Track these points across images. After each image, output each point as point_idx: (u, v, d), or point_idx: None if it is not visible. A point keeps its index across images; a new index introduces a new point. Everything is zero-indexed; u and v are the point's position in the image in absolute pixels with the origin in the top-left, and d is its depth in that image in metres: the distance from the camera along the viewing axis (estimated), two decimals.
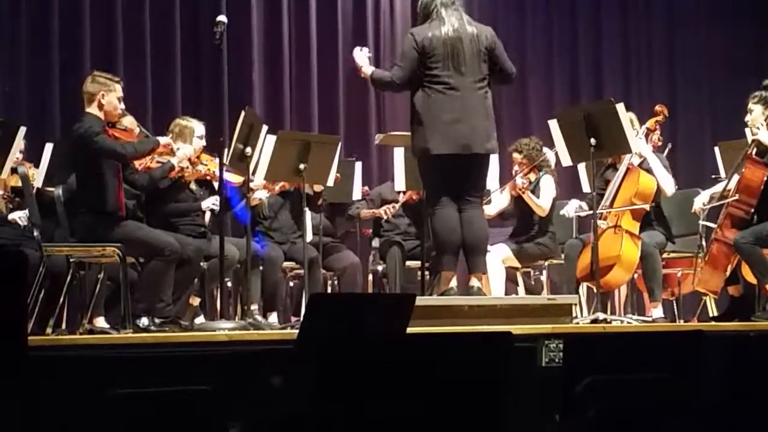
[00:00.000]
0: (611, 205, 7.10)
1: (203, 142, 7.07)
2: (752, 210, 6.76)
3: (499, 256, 7.57)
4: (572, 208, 7.54)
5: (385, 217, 8.09)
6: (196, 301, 7.13)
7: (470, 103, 6.12)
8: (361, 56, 6.38)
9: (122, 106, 6.40)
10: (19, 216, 6.62)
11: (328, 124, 10.01)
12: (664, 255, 7.26)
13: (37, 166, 7.17)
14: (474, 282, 6.22)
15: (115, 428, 3.48)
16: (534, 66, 11.03)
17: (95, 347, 5.19)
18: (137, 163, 6.59)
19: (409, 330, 4.13)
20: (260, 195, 7.54)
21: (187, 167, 6.81)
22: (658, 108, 7.39)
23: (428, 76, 6.12)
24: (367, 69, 6.35)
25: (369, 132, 10.17)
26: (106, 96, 6.27)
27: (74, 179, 6.48)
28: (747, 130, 6.99)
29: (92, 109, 6.28)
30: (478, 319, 5.88)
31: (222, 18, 6.45)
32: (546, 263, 7.83)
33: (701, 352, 4.27)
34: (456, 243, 6.17)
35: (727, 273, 6.88)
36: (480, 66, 6.17)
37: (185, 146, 6.84)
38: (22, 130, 6.63)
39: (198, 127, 7.12)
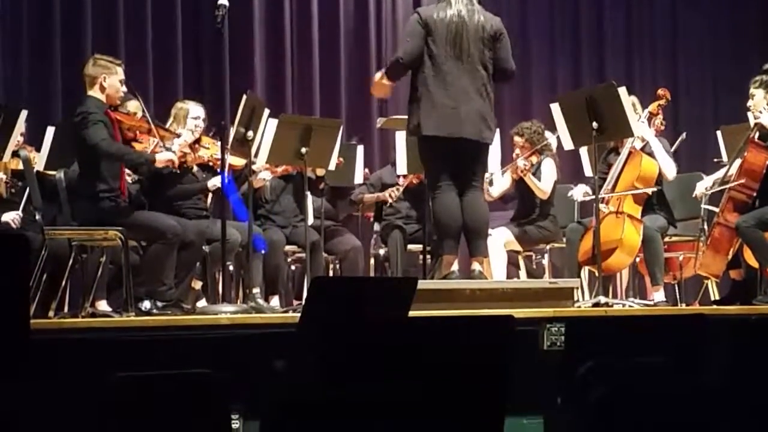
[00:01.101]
0: (613, 189, 7.10)
1: (200, 123, 7.06)
2: (754, 194, 6.78)
3: (500, 240, 7.56)
4: (580, 191, 7.53)
5: (390, 201, 8.08)
6: (198, 284, 7.13)
7: (467, 88, 6.12)
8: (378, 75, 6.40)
9: (124, 89, 6.39)
10: (12, 218, 6.61)
11: (330, 108, 9.99)
12: (666, 239, 7.27)
13: (38, 149, 7.17)
14: (475, 266, 6.23)
15: (116, 411, 3.49)
16: (536, 49, 11.00)
17: (97, 330, 5.21)
18: (141, 146, 6.57)
19: (411, 314, 4.14)
20: (264, 176, 7.54)
21: (188, 152, 6.80)
22: (660, 92, 7.37)
23: (428, 56, 6.12)
24: (379, 73, 6.36)
25: (371, 116, 10.15)
26: (108, 79, 6.27)
27: (76, 163, 6.47)
28: (749, 114, 7.00)
29: (94, 92, 6.28)
30: (480, 302, 5.89)
31: (223, 1, 6.44)
32: (547, 247, 7.82)
33: (703, 335, 4.27)
34: (457, 227, 6.17)
35: (729, 257, 6.89)
36: (482, 53, 6.16)
37: (184, 133, 6.82)
38: (24, 113, 6.63)
39: (194, 109, 7.10)
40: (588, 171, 7.74)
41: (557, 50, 11.19)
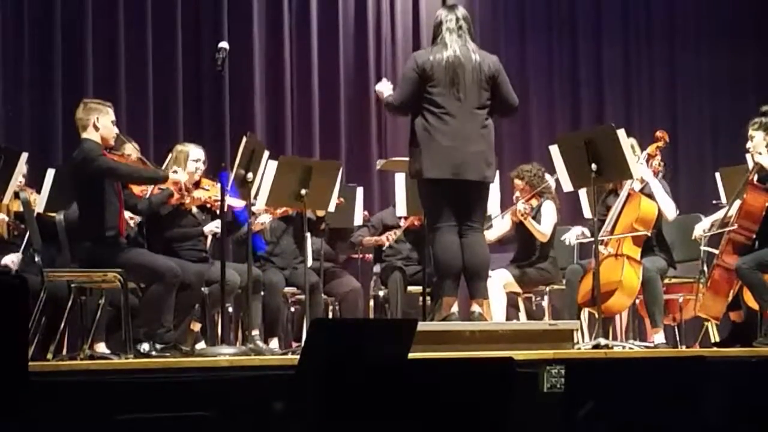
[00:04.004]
0: (612, 231, 7.11)
1: (200, 165, 7.09)
2: (753, 236, 6.77)
3: (500, 282, 7.56)
4: (573, 235, 7.54)
5: (387, 244, 8.09)
6: (197, 326, 7.12)
7: (467, 129, 6.13)
8: (386, 87, 6.39)
9: (116, 129, 6.41)
10: (12, 260, 6.63)
11: (330, 150, 10.02)
12: (666, 280, 7.25)
13: (38, 191, 7.18)
14: (475, 307, 6.22)
15: None
16: (535, 91, 11.05)
17: (96, 373, 5.18)
18: (138, 189, 6.60)
19: (411, 355, 4.13)
20: (263, 219, 7.55)
21: (184, 194, 6.79)
22: (659, 133, 7.39)
23: (427, 100, 6.13)
24: (387, 88, 6.37)
25: (370, 157, 10.18)
26: (101, 119, 6.28)
27: (76, 205, 6.48)
28: (748, 156, 7.01)
29: (89, 135, 6.29)
30: (480, 344, 5.87)
31: (224, 44, 6.48)
32: (547, 288, 7.81)
33: (703, 377, 4.26)
34: (457, 268, 6.17)
35: (729, 298, 6.88)
36: (480, 93, 6.17)
37: (180, 172, 6.83)
38: (24, 155, 6.65)
39: (194, 151, 7.13)
40: (587, 212, 7.74)
41: (556, 92, 11.25)
